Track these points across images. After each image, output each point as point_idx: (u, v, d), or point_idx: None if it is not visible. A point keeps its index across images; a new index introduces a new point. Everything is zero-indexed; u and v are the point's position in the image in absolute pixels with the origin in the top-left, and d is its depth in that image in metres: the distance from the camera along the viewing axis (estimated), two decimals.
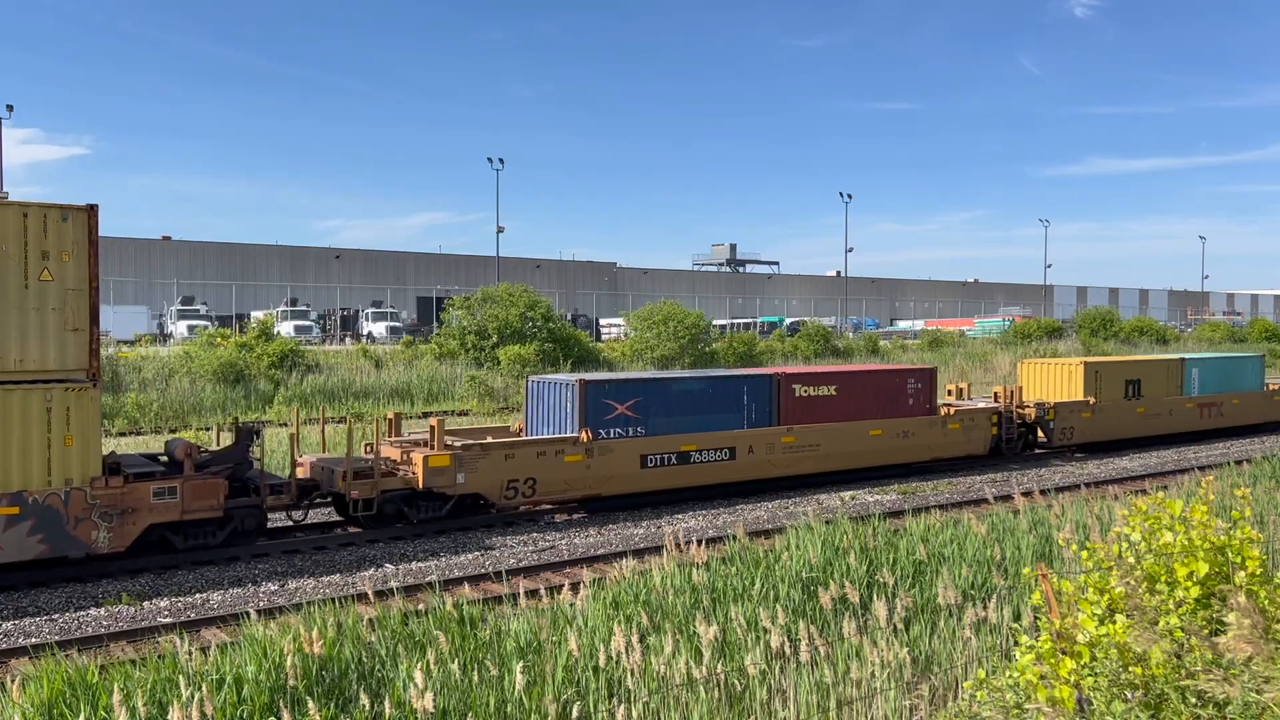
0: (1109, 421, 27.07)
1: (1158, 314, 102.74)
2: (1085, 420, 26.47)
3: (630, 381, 19.50)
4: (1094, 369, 27.18)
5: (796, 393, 21.03)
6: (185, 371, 34.30)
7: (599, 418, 18.54)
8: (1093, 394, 26.74)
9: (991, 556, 11.02)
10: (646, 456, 18.93)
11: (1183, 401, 28.99)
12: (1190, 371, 29.46)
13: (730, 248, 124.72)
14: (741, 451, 20.13)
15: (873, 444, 22.22)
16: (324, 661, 7.90)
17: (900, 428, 22.63)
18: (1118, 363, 28.71)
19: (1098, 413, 26.70)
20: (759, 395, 20.61)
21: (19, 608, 13.02)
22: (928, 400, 23.28)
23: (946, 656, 8.28)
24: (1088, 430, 26.59)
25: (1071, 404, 26.33)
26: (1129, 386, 27.69)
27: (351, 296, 77.57)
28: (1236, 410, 30.75)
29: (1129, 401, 27.57)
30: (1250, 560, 4.77)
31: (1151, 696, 4.43)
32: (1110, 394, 27.12)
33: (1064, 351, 57.57)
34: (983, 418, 24.44)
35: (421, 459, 16.73)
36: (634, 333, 48.26)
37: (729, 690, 7.48)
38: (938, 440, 23.36)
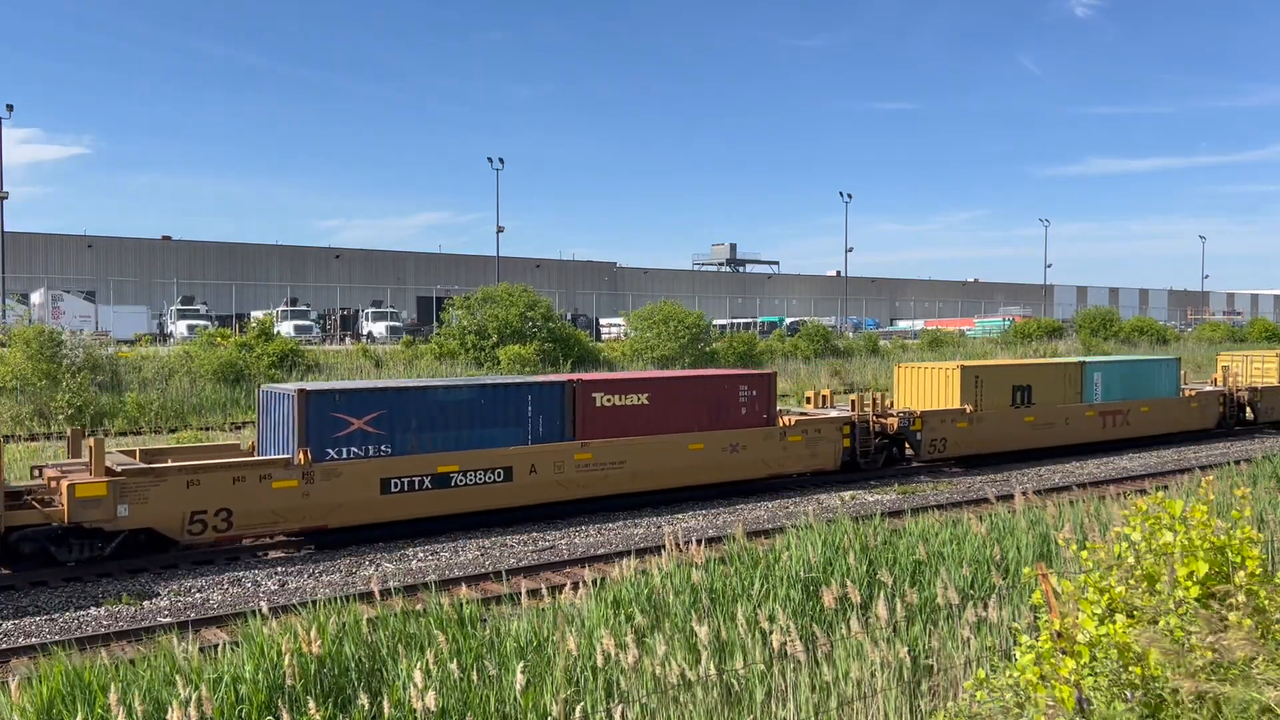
0: (990, 432, 24.43)
1: (1158, 314, 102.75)
2: (961, 431, 23.78)
3: (370, 391, 16.73)
4: (972, 374, 24.64)
5: (598, 402, 18.51)
6: (185, 371, 34.30)
7: (328, 435, 15.88)
8: (971, 402, 24.15)
9: (991, 556, 11.02)
10: (390, 480, 16.30)
11: (1081, 410, 26.41)
12: (1091, 376, 26.95)
13: (730, 248, 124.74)
14: (521, 471, 17.53)
15: (693, 460, 19.56)
16: (322, 661, 7.90)
17: (728, 441, 20.00)
18: (1002, 367, 26.15)
19: (976, 422, 24.06)
20: (548, 405, 18.06)
21: (19, 608, 13.03)
22: (764, 409, 20.75)
23: (946, 656, 8.28)
24: (964, 442, 23.94)
25: (943, 413, 23.64)
26: (1017, 393, 25.12)
27: (351, 296, 77.57)
28: (1146, 419, 28.07)
29: (1016, 410, 25.00)
30: (1250, 560, 4.77)
31: (1151, 696, 4.43)
32: (993, 402, 24.56)
33: (1064, 351, 57.56)
34: (831, 429, 21.75)
35: (68, 487, 13.76)
36: (634, 333, 48.27)
37: (728, 690, 7.48)
38: (775, 454, 20.71)
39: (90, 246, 79.39)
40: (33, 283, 62.93)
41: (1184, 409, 29.22)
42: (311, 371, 37.32)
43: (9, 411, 29.50)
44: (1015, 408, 25.07)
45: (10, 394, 30.03)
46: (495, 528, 17.59)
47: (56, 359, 30.93)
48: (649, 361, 44.36)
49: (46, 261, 74.78)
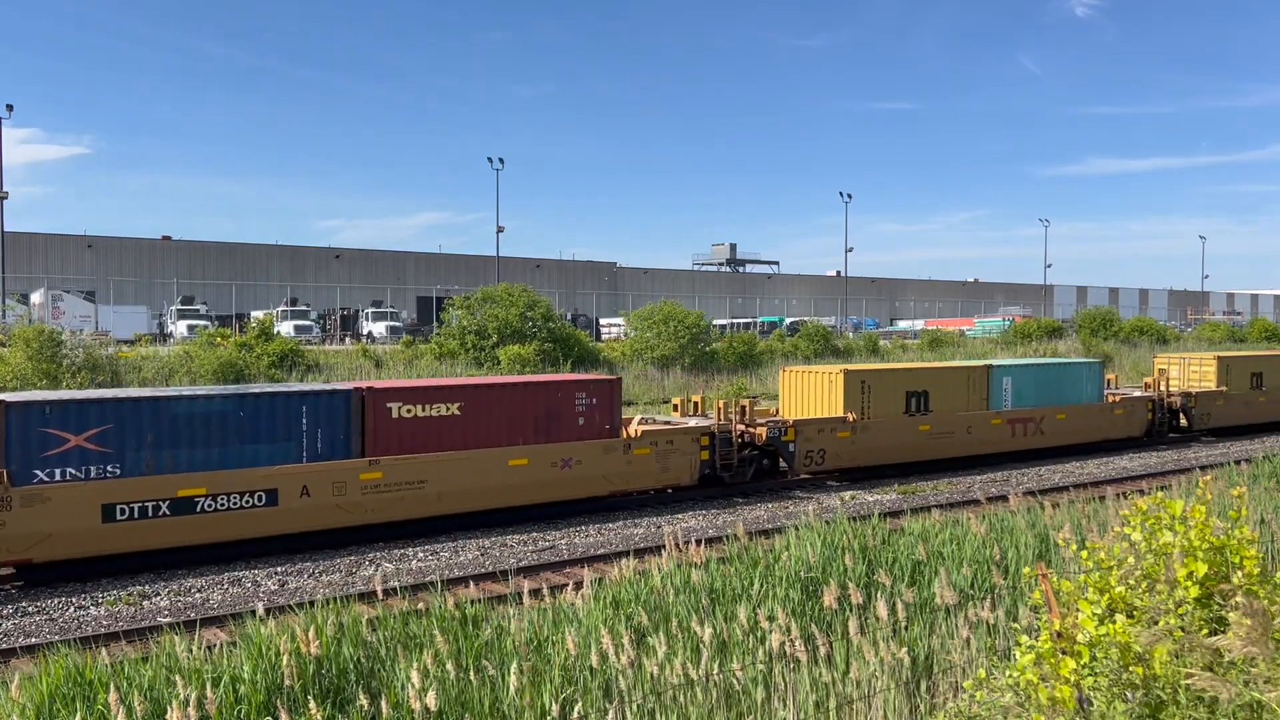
0: (877, 442, 22.52)
1: (1158, 314, 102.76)
2: (842, 441, 21.89)
3: (93, 402, 14.43)
4: (857, 379, 22.71)
5: (394, 413, 16.50)
6: (185, 371, 34.30)
7: (35, 453, 13.87)
8: (856, 409, 22.31)
9: (991, 556, 11.03)
10: (116, 506, 14.26)
11: (987, 417, 24.46)
12: (1000, 381, 24.98)
13: (730, 248, 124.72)
14: (289, 494, 15.44)
15: (515, 478, 17.53)
16: (321, 661, 7.90)
17: (559, 455, 17.98)
18: (894, 371, 24.10)
19: (861, 432, 22.17)
20: (330, 418, 15.96)
21: (19, 608, 13.03)
22: (606, 419, 18.69)
23: (946, 656, 8.29)
24: (846, 454, 22.07)
25: (820, 421, 21.80)
26: (912, 400, 23.24)
27: (351, 296, 77.56)
28: (1063, 427, 26.22)
29: (911, 418, 23.14)
30: (1248, 560, 4.78)
31: (1152, 696, 4.43)
32: (884, 409, 22.70)
33: (1064, 351, 57.56)
34: (686, 440, 19.72)
35: None
36: (634, 332, 48.28)
37: (728, 690, 7.48)
38: (617, 469, 18.69)
39: (90, 246, 79.39)
40: (33, 283, 62.94)
41: (1107, 416, 27.36)
42: (311, 371, 37.33)
43: None
44: (909, 415, 23.17)
45: None
46: (495, 528, 17.60)
47: (56, 359, 30.94)
48: (649, 362, 44.37)
49: (46, 261, 74.78)
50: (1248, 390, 31.70)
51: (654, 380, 42.87)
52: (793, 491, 21.50)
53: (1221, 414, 30.63)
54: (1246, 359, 32.49)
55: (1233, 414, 31.13)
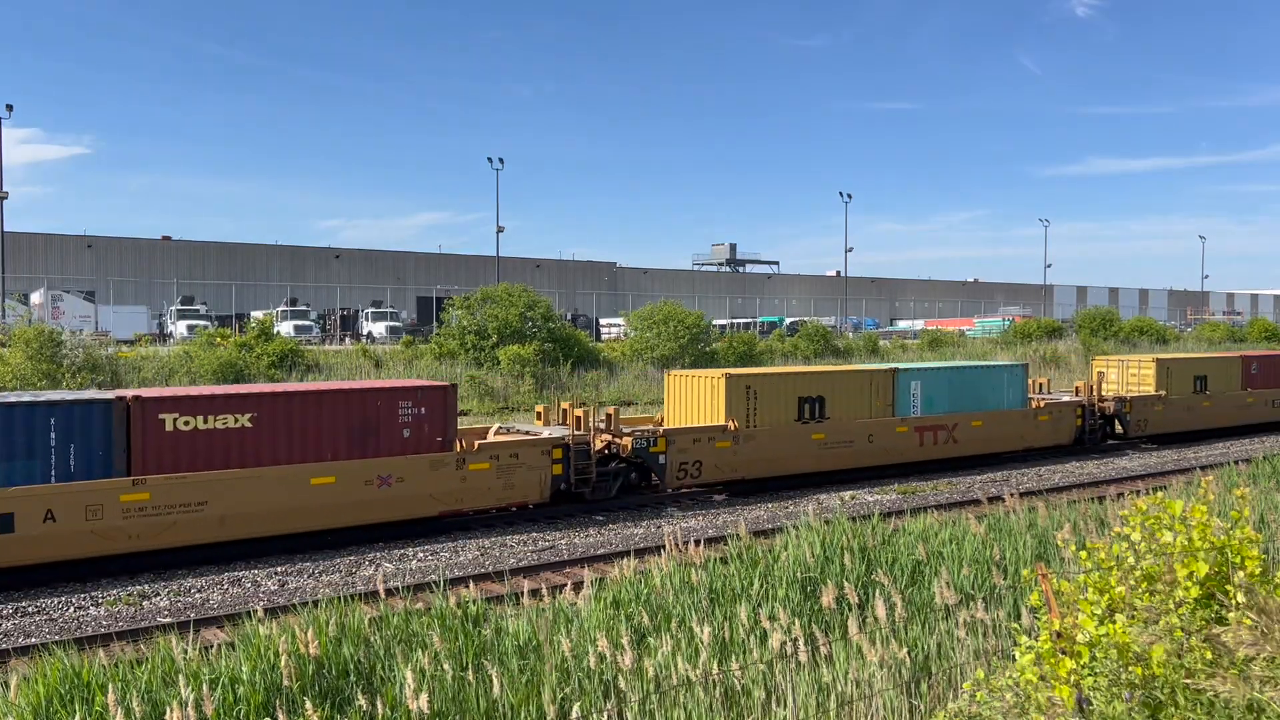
0: (764, 453, 20.72)
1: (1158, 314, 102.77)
2: (722, 452, 20.10)
3: None
4: (742, 384, 20.71)
5: (168, 425, 14.62)
6: (185, 371, 34.30)
7: None
8: (740, 417, 20.50)
9: (990, 556, 11.03)
10: None
11: (892, 424, 22.67)
12: (906, 386, 23.19)
13: (730, 248, 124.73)
14: (29, 520, 13.51)
15: (319, 498, 15.66)
16: (320, 662, 7.89)
17: (376, 472, 16.14)
18: (784, 375, 22.14)
19: (744, 441, 20.39)
20: (84, 432, 14.14)
21: (19, 608, 13.03)
22: (439, 430, 16.90)
23: (945, 656, 8.29)
24: (728, 465, 20.27)
25: (695, 430, 20.03)
26: (805, 406, 21.45)
27: (351, 296, 77.57)
28: (979, 435, 24.34)
29: (803, 426, 21.36)
30: (1249, 560, 4.77)
31: (1152, 696, 4.43)
32: (772, 416, 20.92)
33: (1063, 351, 57.55)
34: (535, 453, 17.79)
35: None
36: (634, 333, 48.28)
37: (728, 690, 7.48)
38: (449, 487, 16.85)
39: (90, 246, 79.40)
40: (33, 283, 62.95)
41: (1029, 423, 25.53)
42: (311, 372, 37.33)
43: None
44: (802, 423, 21.37)
45: None
46: (495, 528, 17.59)
47: (56, 359, 30.95)
48: (649, 361, 44.38)
49: (46, 261, 74.79)
50: (1190, 395, 30.00)
51: (654, 380, 42.88)
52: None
53: (1160, 420, 28.90)
54: (1189, 361, 30.84)
55: (1173, 419, 29.40)
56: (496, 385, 38.23)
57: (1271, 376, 32.91)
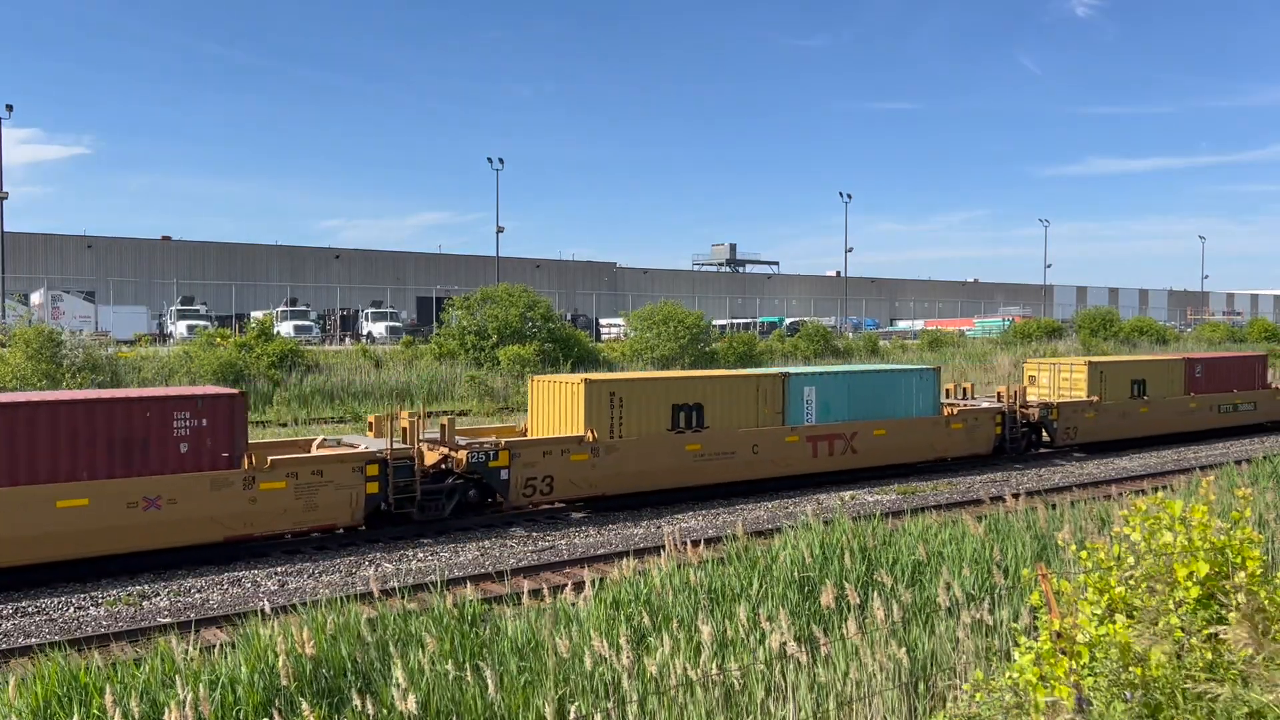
0: (627, 465, 18.79)
1: (1157, 314, 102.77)
2: (578, 466, 18.21)
3: None
4: (604, 390, 18.71)
5: None
6: (185, 371, 34.30)
7: None
8: (602, 426, 18.54)
9: (990, 556, 11.02)
10: None
11: (781, 434, 20.83)
12: (799, 392, 21.29)
13: (730, 248, 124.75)
14: None
15: (70, 523, 13.75)
16: (318, 662, 7.89)
17: (142, 493, 14.20)
18: (656, 381, 19.89)
19: (605, 454, 18.50)
20: None
21: (19, 608, 13.02)
22: (224, 445, 14.88)
23: (945, 656, 8.28)
24: (585, 480, 18.34)
25: (546, 442, 18.06)
26: (681, 415, 19.54)
27: (351, 296, 77.58)
28: (882, 445, 22.43)
29: (678, 435, 19.44)
30: (1250, 561, 4.77)
31: (1152, 697, 4.42)
32: (640, 426, 18.99)
33: (1063, 351, 57.53)
34: (343, 470, 15.83)
35: None
36: (634, 333, 48.27)
37: (728, 690, 7.48)
38: (236, 510, 14.92)
39: (90, 247, 79.39)
40: (33, 283, 62.94)
41: (940, 431, 23.54)
42: (311, 372, 37.33)
43: None
44: (676, 433, 19.51)
45: None
46: (496, 528, 17.59)
47: (56, 359, 30.94)
48: (649, 362, 44.38)
49: (46, 261, 74.79)
50: (1126, 400, 27.93)
51: None
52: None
53: (1092, 427, 26.88)
54: (1126, 364, 28.94)
55: (1107, 427, 27.31)
56: (496, 385, 38.22)
57: (1217, 380, 30.85)
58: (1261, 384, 32.44)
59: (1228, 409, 30.95)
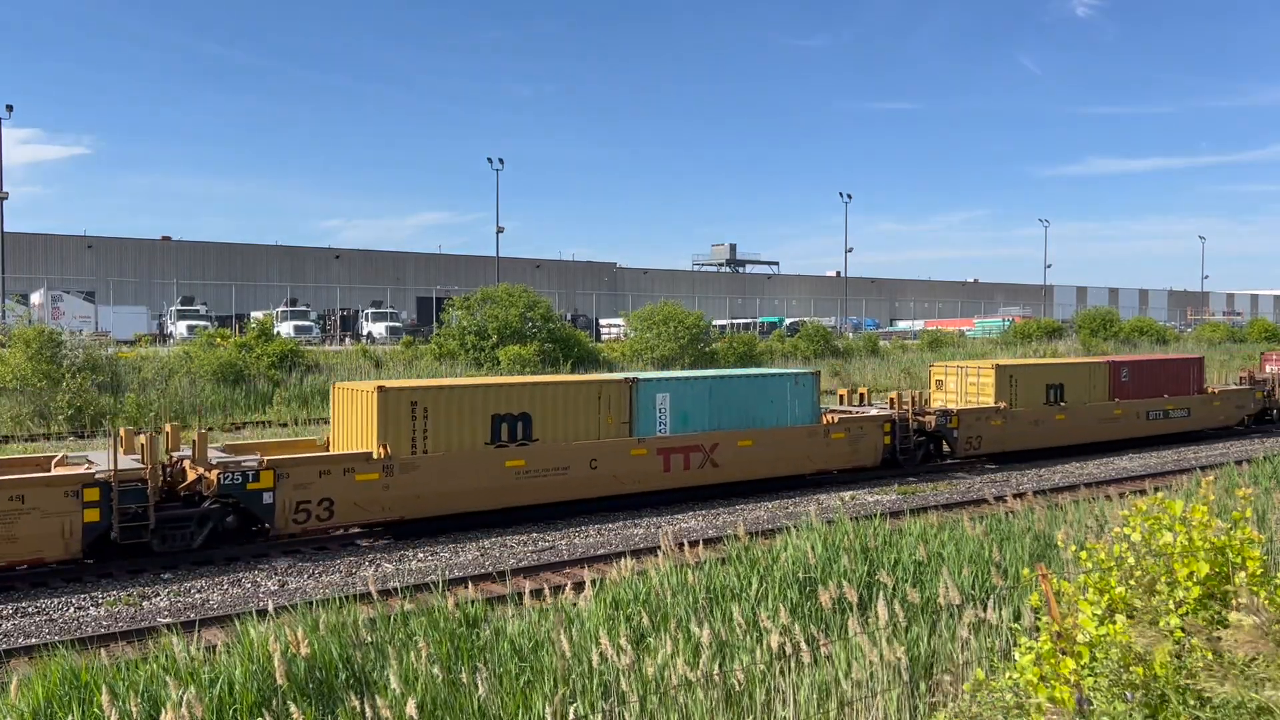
0: (431, 486, 16.53)
1: (1157, 314, 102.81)
2: (363, 488, 15.95)
3: None
4: (403, 399, 16.45)
5: None
6: (185, 372, 34.30)
7: None
8: (401, 441, 16.36)
9: (990, 557, 11.02)
10: None
11: (625, 447, 18.68)
12: (650, 399, 19.16)
13: (730, 248, 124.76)
14: None
15: None
16: (312, 663, 7.88)
17: None
18: (471, 388, 17.46)
19: (401, 472, 16.27)
20: None
21: (19, 608, 13.02)
22: None
23: (946, 657, 8.28)
24: (375, 503, 16.11)
25: (322, 460, 15.84)
26: (503, 426, 17.34)
27: (351, 296, 77.58)
28: (748, 458, 20.27)
29: (497, 450, 17.22)
30: (1251, 561, 4.77)
31: (1152, 696, 4.42)
32: (453, 439, 16.82)
33: (1063, 351, 57.52)
34: (52, 495, 13.69)
35: None
36: (634, 333, 48.27)
37: (728, 690, 7.47)
38: None
39: (90, 247, 79.39)
40: (33, 283, 62.93)
41: (818, 442, 21.43)
42: (311, 372, 37.33)
43: (9, 412, 29.51)
44: (496, 447, 17.25)
45: (10, 394, 30.03)
46: (495, 528, 17.59)
47: (56, 359, 30.92)
48: (648, 362, 44.37)
49: (46, 261, 74.79)
50: (1041, 406, 25.79)
51: None
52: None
53: (999, 436, 24.71)
54: (1040, 368, 26.84)
55: (1017, 436, 25.15)
56: None
57: (1145, 385, 28.65)
58: (1198, 389, 30.35)
59: (1158, 415, 28.80)
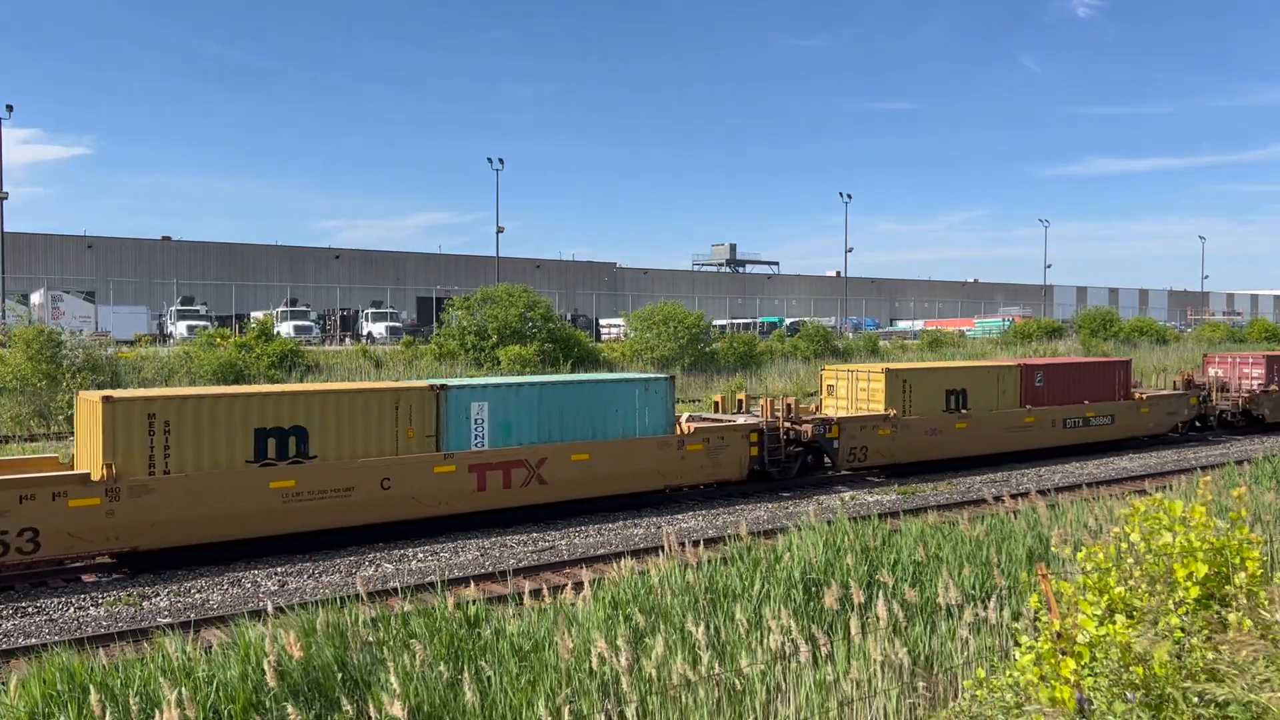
0: (173, 512, 14.45)
1: (1157, 314, 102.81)
2: (80, 515, 13.80)
3: None
4: (138, 411, 14.36)
5: None
6: (185, 372, 34.29)
7: None
8: (132, 460, 14.23)
9: (990, 557, 11.03)
10: None
11: (428, 464, 16.70)
12: (463, 408, 17.20)
13: (730, 248, 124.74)
14: None
15: None
16: (309, 664, 7.87)
17: None
18: (227, 398, 15.28)
19: (134, 497, 14.16)
20: None
21: (19, 608, 13.03)
22: None
23: (946, 656, 8.29)
24: (95, 534, 13.96)
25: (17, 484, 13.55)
26: (269, 443, 15.29)
27: (351, 296, 77.55)
28: (581, 474, 18.24)
29: (261, 470, 15.20)
30: (1250, 561, 4.77)
31: (1152, 697, 4.42)
32: (205, 457, 14.76)
33: (1063, 351, 57.51)
34: None
35: None
36: (634, 333, 48.26)
37: (729, 691, 7.48)
38: None
39: (90, 247, 79.38)
40: (33, 283, 62.92)
41: (670, 454, 19.19)
42: (311, 372, 37.33)
43: (9, 411, 29.51)
44: (261, 465, 15.22)
45: (10, 394, 30.03)
46: (495, 527, 17.59)
47: (56, 359, 30.92)
48: (649, 362, 44.38)
49: (46, 261, 74.77)
50: (939, 414, 23.56)
51: None
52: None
53: (887, 447, 22.52)
54: (939, 372, 24.49)
55: (909, 447, 22.95)
56: None
57: (1064, 390, 26.54)
58: (1124, 394, 28.21)
59: (1076, 423, 26.54)
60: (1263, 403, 32.08)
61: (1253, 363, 32.97)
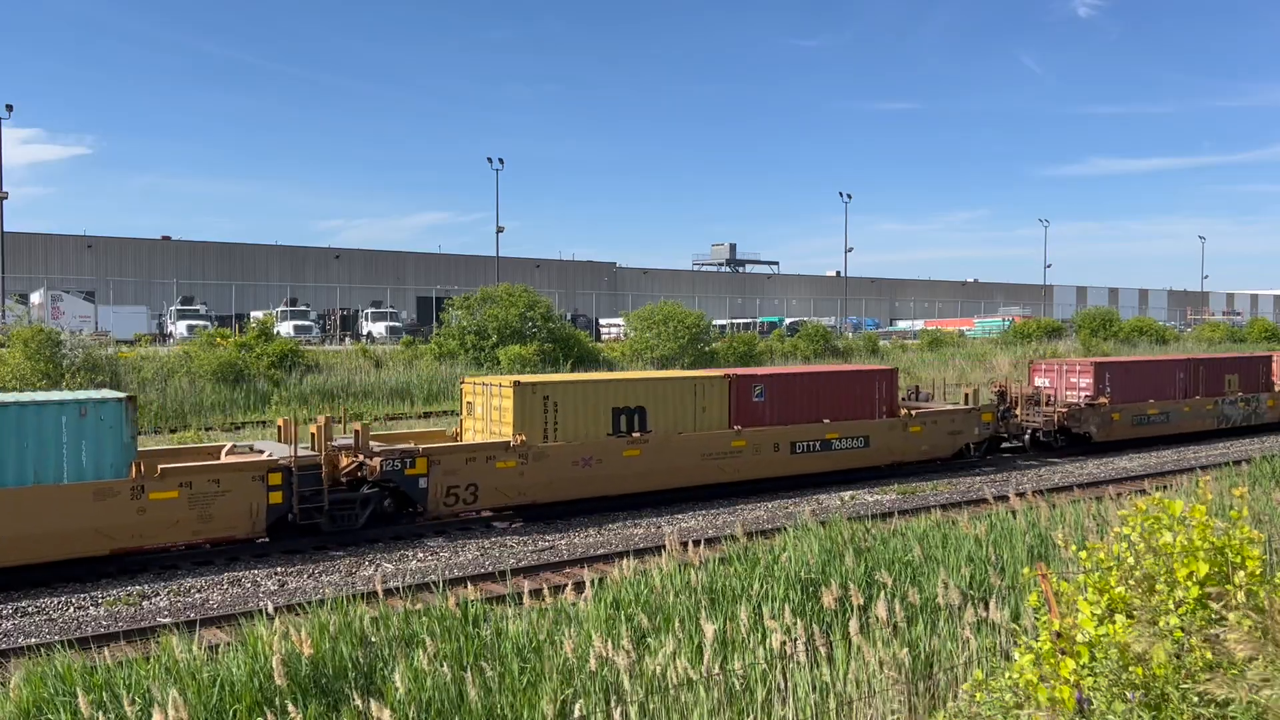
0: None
1: (1157, 314, 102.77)
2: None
3: None
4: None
5: None
6: (185, 372, 34.29)
7: None
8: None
9: (988, 557, 11.03)
10: None
11: None
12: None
13: (730, 248, 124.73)
14: None
15: None
16: (315, 662, 7.88)
17: None
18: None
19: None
20: None
21: (19, 608, 13.03)
22: None
23: (946, 656, 8.28)
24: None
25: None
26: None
27: (351, 296, 77.52)
28: None
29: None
30: (1250, 560, 4.77)
31: (1153, 696, 4.43)
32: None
33: (1063, 351, 57.50)
34: None
35: None
36: (634, 333, 48.26)
37: (729, 690, 7.48)
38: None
39: (90, 246, 79.37)
40: (33, 283, 62.91)
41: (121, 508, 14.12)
42: (311, 372, 37.33)
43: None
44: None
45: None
46: (495, 528, 17.59)
47: (56, 359, 30.92)
48: (648, 362, 44.38)
49: (46, 261, 74.76)
50: (603, 439, 18.44)
51: None
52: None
53: (513, 484, 17.41)
54: (601, 385, 19.02)
55: (548, 484, 17.80)
56: None
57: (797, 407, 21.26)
58: (886, 410, 22.55)
59: (810, 447, 21.17)
60: (1087, 418, 26.49)
61: (1080, 371, 27.77)
